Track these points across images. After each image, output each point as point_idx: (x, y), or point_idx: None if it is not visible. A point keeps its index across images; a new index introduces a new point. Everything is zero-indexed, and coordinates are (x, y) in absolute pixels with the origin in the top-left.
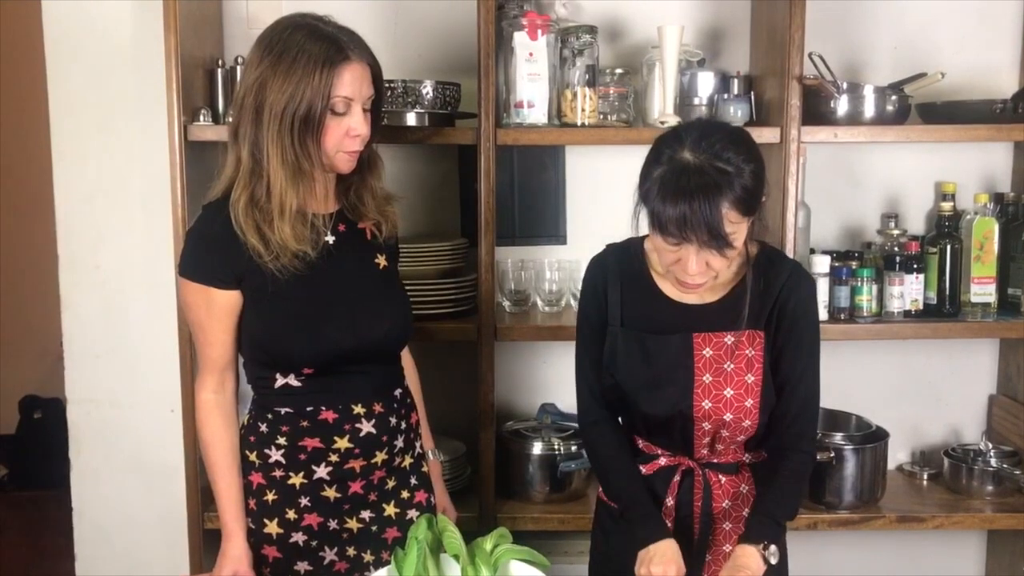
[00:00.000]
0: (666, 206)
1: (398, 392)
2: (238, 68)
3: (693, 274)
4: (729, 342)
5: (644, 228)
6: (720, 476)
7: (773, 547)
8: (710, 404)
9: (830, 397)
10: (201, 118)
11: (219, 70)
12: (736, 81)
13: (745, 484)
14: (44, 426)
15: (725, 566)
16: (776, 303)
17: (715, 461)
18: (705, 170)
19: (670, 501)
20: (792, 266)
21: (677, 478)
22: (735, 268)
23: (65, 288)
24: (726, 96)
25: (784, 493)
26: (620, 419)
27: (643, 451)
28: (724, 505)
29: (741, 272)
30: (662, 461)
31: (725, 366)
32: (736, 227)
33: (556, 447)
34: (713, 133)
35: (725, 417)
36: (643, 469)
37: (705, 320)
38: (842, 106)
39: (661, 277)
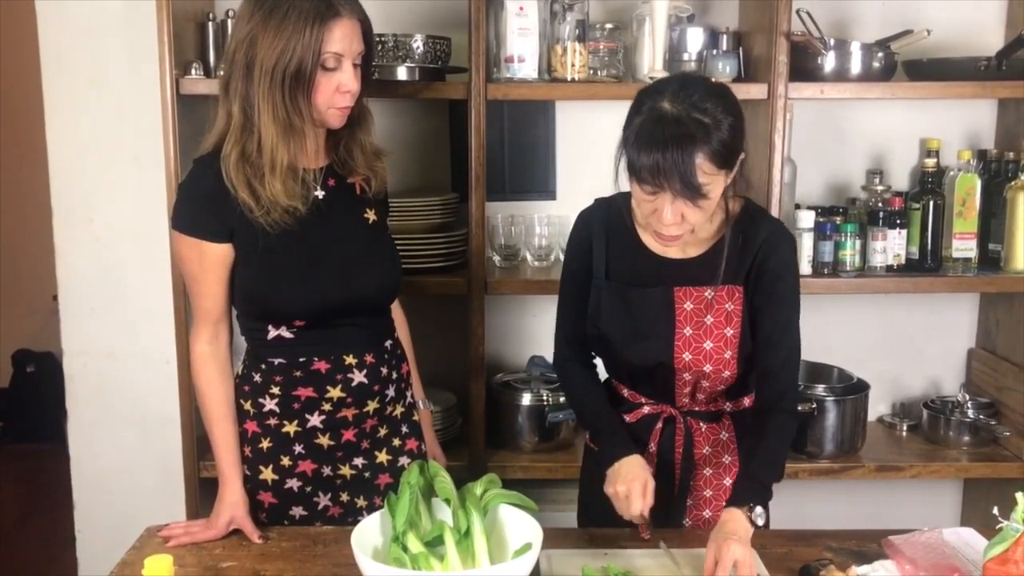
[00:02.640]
0: (641, 154)
1: (389, 343)
2: (229, 22)
3: (668, 224)
4: (709, 296)
5: (625, 180)
6: (701, 424)
7: (759, 508)
8: (690, 356)
9: (813, 350)
10: (192, 72)
11: (210, 23)
12: (725, 37)
13: (725, 432)
14: (37, 380)
15: (714, 532)
16: (755, 260)
17: (696, 409)
18: (682, 120)
19: (652, 447)
20: (773, 224)
21: (659, 425)
22: (716, 224)
23: (59, 242)
24: (715, 52)
25: (768, 455)
26: (606, 368)
27: (628, 399)
28: (705, 451)
29: (723, 228)
30: (645, 409)
31: (705, 319)
32: (711, 179)
33: (545, 398)
34: (693, 84)
35: (705, 368)
36: (627, 418)
37: (686, 274)
38: (829, 63)
39: (644, 231)
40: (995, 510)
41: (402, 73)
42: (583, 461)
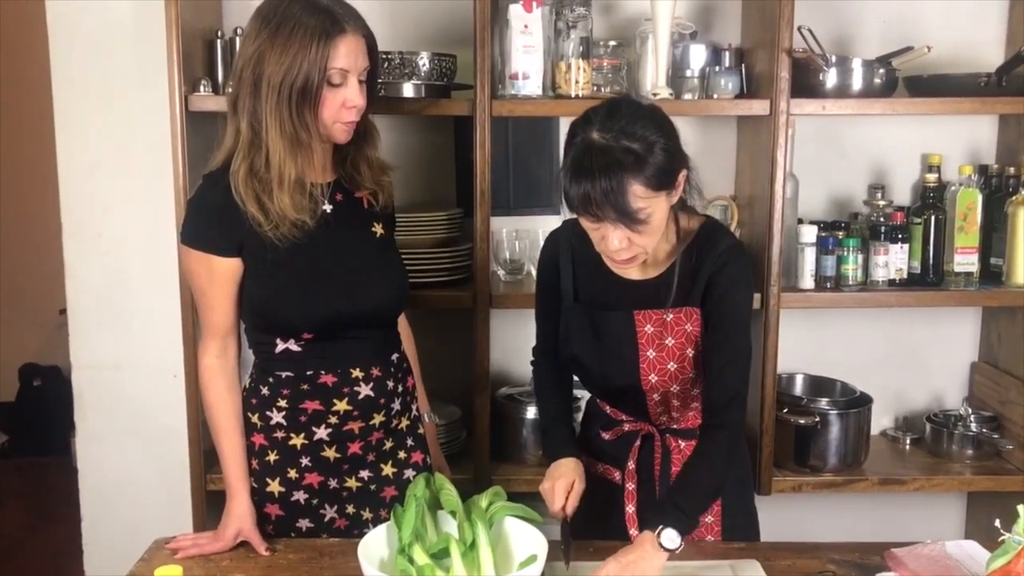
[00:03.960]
0: (572, 186)
1: (395, 357)
2: (237, 39)
3: (615, 251)
4: (668, 319)
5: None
6: (680, 441)
7: (669, 531)
8: (656, 378)
9: (815, 364)
10: (201, 88)
11: (218, 41)
12: (727, 54)
13: None
14: (44, 393)
15: (620, 552)
16: (708, 279)
17: (674, 427)
18: (609, 149)
19: (631, 464)
20: (727, 244)
21: (637, 443)
22: (674, 243)
23: (69, 256)
24: (717, 68)
25: (692, 479)
26: (585, 387)
27: (610, 416)
28: None
29: (680, 246)
30: (625, 427)
31: (666, 341)
32: (648, 202)
33: None
34: (619, 110)
35: (672, 389)
36: (607, 435)
37: (645, 297)
38: (831, 79)
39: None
40: (997, 523)
41: (408, 90)
42: None
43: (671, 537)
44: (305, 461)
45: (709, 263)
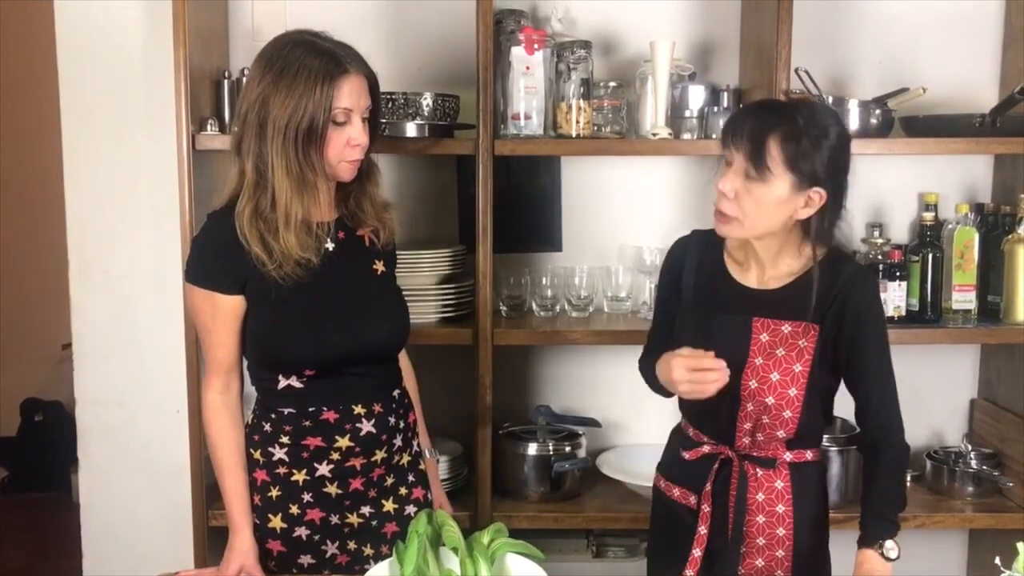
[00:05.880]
0: (737, 113)
1: (396, 393)
2: (244, 79)
3: (720, 193)
4: (786, 331)
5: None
6: (757, 469)
7: (889, 543)
8: (756, 384)
9: None
10: (208, 128)
11: (225, 81)
12: (726, 94)
13: (781, 481)
14: (45, 428)
15: None
16: (834, 302)
17: (754, 454)
18: (788, 107)
19: (708, 486)
20: (856, 267)
21: (716, 466)
22: (798, 260)
23: (75, 292)
24: (716, 109)
25: (885, 489)
26: (679, 404)
27: (692, 438)
28: (759, 498)
29: (807, 265)
30: (705, 448)
31: (777, 351)
32: (775, 168)
33: (551, 448)
34: (819, 112)
35: (767, 400)
36: (687, 455)
37: (766, 306)
38: None
39: (734, 263)
40: (997, 560)
41: (412, 130)
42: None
43: (892, 547)
44: (307, 497)
45: (839, 284)
